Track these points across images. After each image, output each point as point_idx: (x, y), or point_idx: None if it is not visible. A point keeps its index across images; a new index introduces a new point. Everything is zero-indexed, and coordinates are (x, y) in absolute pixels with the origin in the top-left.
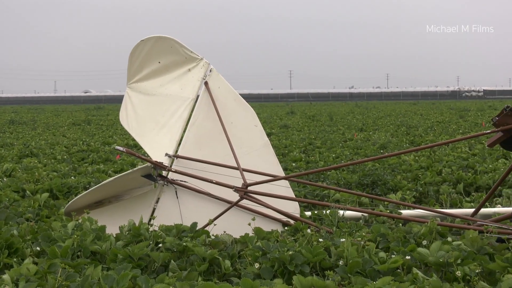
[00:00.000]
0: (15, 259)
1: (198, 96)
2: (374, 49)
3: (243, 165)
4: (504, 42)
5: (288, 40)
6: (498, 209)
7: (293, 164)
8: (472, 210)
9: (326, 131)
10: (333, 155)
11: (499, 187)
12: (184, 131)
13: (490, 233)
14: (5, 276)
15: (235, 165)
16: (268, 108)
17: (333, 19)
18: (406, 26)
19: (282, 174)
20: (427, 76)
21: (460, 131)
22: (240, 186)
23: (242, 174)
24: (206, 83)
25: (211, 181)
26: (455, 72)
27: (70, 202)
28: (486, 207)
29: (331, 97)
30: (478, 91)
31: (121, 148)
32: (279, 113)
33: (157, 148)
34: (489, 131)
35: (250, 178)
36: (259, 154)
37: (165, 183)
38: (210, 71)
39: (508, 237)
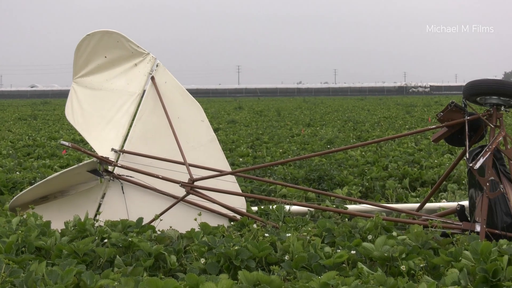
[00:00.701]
0: None
1: (144, 91)
2: (322, 45)
3: (189, 160)
4: (452, 39)
5: (236, 35)
6: (443, 204)
7: (240, 159)
8: (417, 205)
9: (273, 126)
10: (280, 150)
11: (444, 182)
12: (131, 126)
13: (434, 228)
14: None
15: (181, 160)
16: (216, 103)
17: (281, 14)
18: (353, 21)
19: (228, 169)
20: (375, 72)
21: (407, 126)
22: (186, 181)
23: (188, 169)
24: (152, 78)
25: (157, 176)
26: (402, 68)
27: (15, 197)
28: (431, 202)
29: (279, 93)
30: (425, 87)
31: (66, 143)
32: (227, 108)
33: (103, 143)
34: (434, 126)
35: (197, 173)
36: (206, 149)
37: (111, 178)
38: (157, 66)
39: (452, 231)
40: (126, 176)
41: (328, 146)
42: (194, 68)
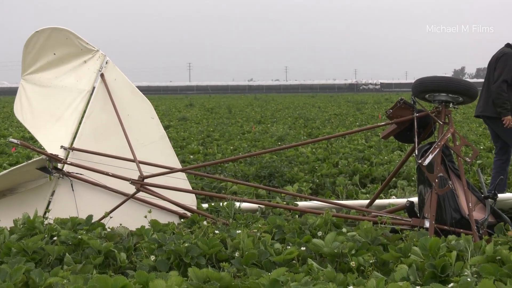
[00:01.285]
0: None
1: (94, 88)
2: (273, 42)
3: (139, 158)
4: (403, 37)
5: (187, 32)
6: (393, 200)
7: (191, 157)
8: (367, 201)
9: (224, 123)
10: (231, 148)
11: (394, 179)
12: (80, 124)
13: (384, 224)
14: None
15: (131, 157)
16: (167, 101)
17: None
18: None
19: (179, 166)
20: (326, 69)
21: (357, 123)
22: (136, 178)
23: (138, 167)
24: (102, 75)
25: (107, 174)
26: (353, 66)
27: None
28: (381, 198)
29: (230, 90)
30: (375, 84)
31: (15, 141)
32: (178, 106)
33: (52, 141)
34: (383, 123)
35: (147, 170)
36: (156, 146)
37: (61, 175)
38: (106, 63)
39: (402, 227)
40: (76, 173)
41: (279, 143)
42: (145, 66)
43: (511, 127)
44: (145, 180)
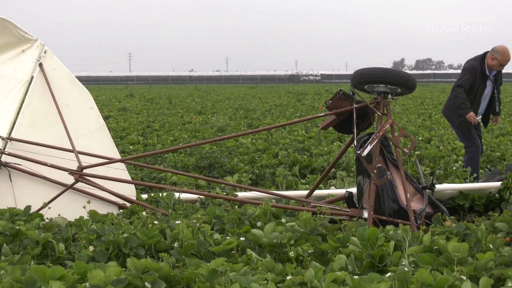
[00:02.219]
0: None
1: (32, 78)
2: (213, 33)
3: (78, 148)
4: (342, 28)
5: (127, 22)
6: (332, 190)
7: (131, 147)
8: (307, 192)
9: (165, 114)
10: (171, 138)
11: (333, 169)
12: (18, 113)
13: (323, 215)
14: None
15: (70, 147)
16: (107, 91)
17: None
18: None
19: (118, 156)
20: (266, 60)
21: (297, 114)
22: (75, 169)
23: (77, 157)
24: (40, 65)
25: (45, 164)
26: (294, 57)
27: None
28: (320, 189)
29: (171, 80)
30: (316, 75)
31: None
32: (118, 96)
33: None
34: (322, 114)
35: (86, 161)
36: (95, 136)
37: None
38: (45, 52)
39: (340, 218)
40: (14, 164)
41: (219, 134)
42: (85, 56)
43: (475, 123)
44: (84, 171)
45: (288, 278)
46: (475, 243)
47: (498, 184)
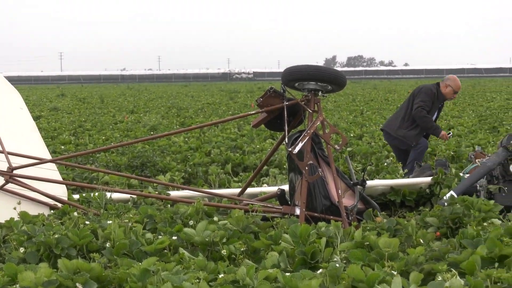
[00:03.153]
0: None
1: None
2: (145, 31)
3: (8, 149)
4: (271, 26)
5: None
6: (264, 188)
7: (62, 147)
8: (239, 190)
9: (96, 113)
10: (103, 138)
11: (266, 167)
12: None
13: (255, 212)
14: None
15: (0, 148)
16: (38, 91)
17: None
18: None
19: (49, 157)
20: (199, 59)
21: (230, 112)
22: (5, 170)
23: (7, 158)
24: None
25: None
26: (226, 55)
27: None
28: (253, 186)
29: (103, 80)
30: (248, 73)
31: None
32: (49, 96)
33: None
34: (254, 112)
35: (16, 161)
36: (25, 137)
37: None
38: None
39: (273, 215)
40: None
41: (152, 133)
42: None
43: (446, 139)
44: (15, 171)
45: (220, 276)
46: (406, 238)
47: (428, 179)
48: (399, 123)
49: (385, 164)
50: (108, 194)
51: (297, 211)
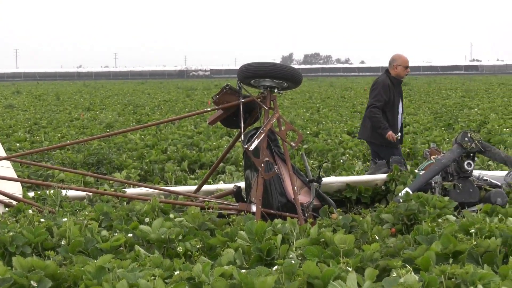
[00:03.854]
0: None
1: None
2: (102, 28)
3: None
4: (229, 23)
5: (12, 17)
6: (220, 185)
7: (17, 145)
8: (195, 187)
9: (52, 110)
10: (59, 135)
11: (222, 164)
12: None
13: (211, 209)
14: None
15: None
16: None
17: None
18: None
19: (3, 154)
20: (156, 56)
21: (187, 109)
22: None
23: None
24: None
25: None
26: (183, 52)
27: None
28: (209, 183)
29: (59, 77)
30: (205, 70)
31: None
32: (4, 93)
33: None
34: (210, 109)
35: None
36: None
37: None
38: None
39: (229, 212)
40: None
41: (108, 130)
42: None
43: (394, 142)
44: None
45: (176, 273)
46: (361, 234)
47: (384, 176)
48: (362, 126)
49: (341, 161)
50: (64, 192)
51: (253, 208)
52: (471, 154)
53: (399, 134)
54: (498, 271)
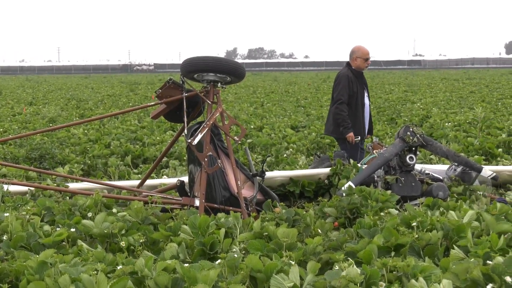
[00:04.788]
0: None
1: None
2: (45, 22)
3: None
4: (173, 17)
5: None
6: (164, 180)
7: None
8: (139, 181)
9: None
10: (1, 130)
11: (166, 158)
12: None
13: (155, 204)
14: None
15: None
16: None
17: None
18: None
19: None
20: (99, 50)
21: (130, 104)
22: None
23: None
24: None
25: None
26: (127, 46)
27: None
28: (153, 178)
29: (1, 71)
30: (149, 65)
31: None
32: None
33: None
34: (153, 103)
35: None
36: None
37: None
38: None
39: (172, 207)
40: None
41: (50, 125)
42: None
43: (354, 143)
44: None
45: (118, 268)
46: (304, 228)
47: (327, 170)
48: (327, 122)
49: (285, 155)
50: (6, 187)
51: (197, 203)
52: (413, 148)
53: (359, 137)
54: (439, 264)
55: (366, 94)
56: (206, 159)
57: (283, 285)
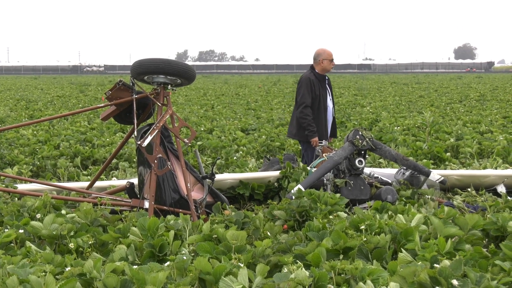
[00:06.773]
0: None
1: None
2: None
3: None
4: (124, 19)
5: None
6: (113, 181)
7: None
8: (88, 183)
9: None
10: None
11: (116, 160)
12: None
13: (104, 205)
14: None
15: None
16: None
17: None
18: None
19: None
20: (49, 51)
21: (80, 105)
22: None
23: None
24: None
25: None
26: (77, 47)
27: None
28: (102, 180)
29: None
30: (99, 66)
31: None
32: None
33: None
34: (103, 104)
35: None
36: None
37: None
38: None
39: (122, 208)
40: None
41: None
42: None
43: (314, 145)
44: None
45: (67, 269)
46: (254, 231)
47: (276, 173)
48: (290, 125)
49: (235, 158)
50: None
51: (146, 204)
52: (362, 152)
53: (323, 142)
54: (387, 267)
55: (329, 97)
56: (156, 161)
57: (232, 287)
